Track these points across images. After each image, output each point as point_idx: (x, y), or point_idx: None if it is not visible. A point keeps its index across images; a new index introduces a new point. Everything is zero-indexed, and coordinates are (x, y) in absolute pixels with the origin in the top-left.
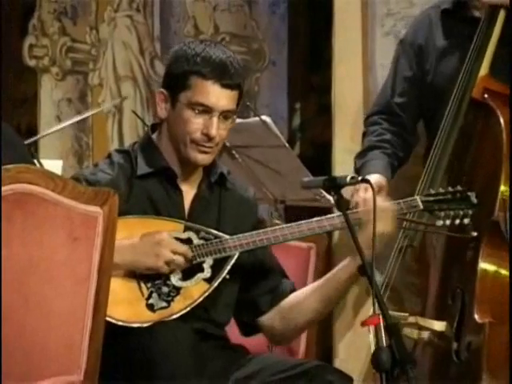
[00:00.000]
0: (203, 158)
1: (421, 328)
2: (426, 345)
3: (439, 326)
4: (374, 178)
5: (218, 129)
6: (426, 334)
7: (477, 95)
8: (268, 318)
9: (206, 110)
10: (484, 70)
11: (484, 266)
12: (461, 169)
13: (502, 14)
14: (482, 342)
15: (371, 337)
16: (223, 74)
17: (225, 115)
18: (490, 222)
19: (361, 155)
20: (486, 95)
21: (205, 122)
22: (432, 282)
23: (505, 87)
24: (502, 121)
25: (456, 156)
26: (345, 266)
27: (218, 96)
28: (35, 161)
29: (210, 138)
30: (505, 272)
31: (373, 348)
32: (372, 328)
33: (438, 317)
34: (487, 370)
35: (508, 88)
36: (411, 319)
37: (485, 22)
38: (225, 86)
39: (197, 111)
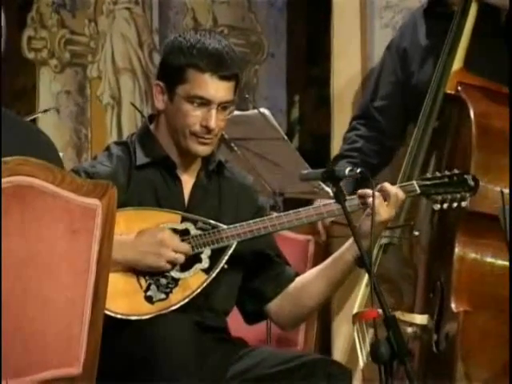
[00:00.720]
0: (203, 149)
1: (404, 323)
2: (411, 339)
3: (420, 319)
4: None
5: (216, 120)
6: (409, 329)
7: (451, 89)
8: (275, 304)
9: (205, 103)
10: (458, 63)
11: (460, 255)
12: (440, 162)
13: (474, 6)
14: (456, 331)
15: (355, 333)
16: (220, 66)
17: (223, 106)
18: (463, 212)
19: (330, 164)
20: (459, 88)
21: (203, 114)
22: (419, 275)
23: (481, 80)
24: (471, 112)
25: (436, 151)
26: (352, 248)
27: (216, 88)
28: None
29: (209, 130)
30: (482, 259)
31: (357, 342)
32: (356, 324)
33: (424, 310)
34: (461, 359)
35: (485, 81)
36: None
37: (457, 14)
38: (222, 77)
39: (195, 104)
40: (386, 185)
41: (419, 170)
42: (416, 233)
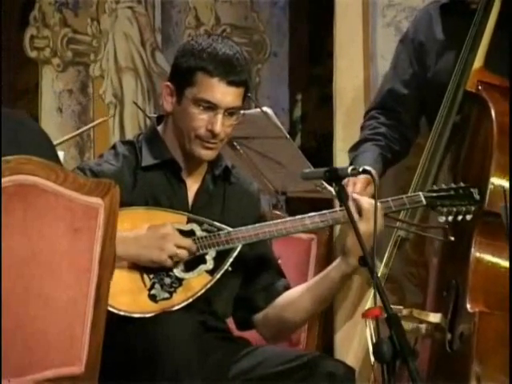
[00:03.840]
0: (207, 154)
1: (416, 320)
2: (423, 337)
3: (434, 317)
4: None
5: (222, 125)
6: (422, 327)
7: (471, 88)
8: (262, 316)
9: (211, 107)
10: (479, 62)
11: (476, 255)
12: (457, 161)
13: (497, 4)
14: (472, 331)
15: (368, 330)
16: (229, 71)
17: (230, 112)
18: (481, 211)
19: (353, 148)
20: (479, 87)
21: (210, 118)
22: (431, 274)
23: (500, 79)
24: (492, 112)
25: (453, 149)
26: (337, 266)
27: (224, 93)
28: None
29: (214, 135)
30: (498, 261)
31: (369, 341)
32: (369, 321)
33: (436, 309)
34: (477, 359)
35: (504, 80)
36: (406, 312)
37: (480, 11)
38: (231, 83)
39: (202, 108)
40: (359, 198)
41: (437, 167)
42: (452, 238)
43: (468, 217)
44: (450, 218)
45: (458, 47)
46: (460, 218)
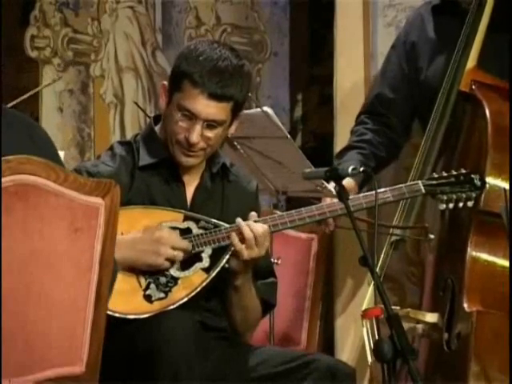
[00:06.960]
0: (187, 161)
1: (413, 321)
2: (420, 337)
3: (431, 317)
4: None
5: (200, 136)
6: (419, 327)
7: (465, 88)
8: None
9: (190, 116)
10: (472, 61)
11: (473, 254)
12: (452, 161)
13: (489, 4)
14: (470, 330)
15: (364, 330)
16: (213, 84)
17: (209, 124)
18: (476, 211)
19: (338, 156)
20: (473, 86)
21: (188, 126)
22: (427, 274)
23: (494, 79)
24: (487, 111)
25: (447, 149)
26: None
27: (204, 105)
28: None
29: (189, 144)
30: (494, 260)
31: (366, 341)
32: (365, 321)
33: (433, 308)
34: (475, 359)
35: (497, 79)
36: (402, 312)
37: (472, 11)
38: (212, 96)
39: (183, 115)
40: (243, 229)
41: (431, 167)
42: (432, 236)
43: (469, 203)
44: (451, 206)
45: (449, 47)
46: (461, 204)
